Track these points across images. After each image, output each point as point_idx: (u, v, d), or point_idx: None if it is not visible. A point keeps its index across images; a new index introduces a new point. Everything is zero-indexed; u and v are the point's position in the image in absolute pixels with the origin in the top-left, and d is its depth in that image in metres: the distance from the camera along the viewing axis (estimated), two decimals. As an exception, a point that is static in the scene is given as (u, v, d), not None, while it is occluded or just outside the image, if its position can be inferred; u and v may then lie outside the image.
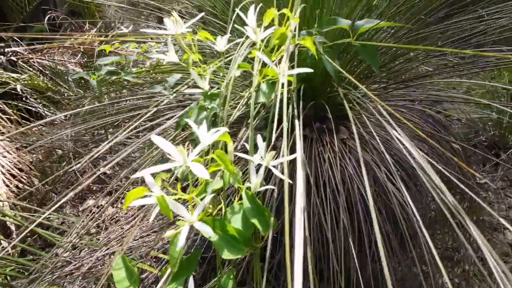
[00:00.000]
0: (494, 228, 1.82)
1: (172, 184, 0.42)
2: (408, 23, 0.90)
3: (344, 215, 0.83)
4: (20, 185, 1.59)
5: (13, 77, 1.38)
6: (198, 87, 0.42)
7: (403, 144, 0.51)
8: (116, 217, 1.52)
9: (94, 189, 1.85)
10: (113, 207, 1.78)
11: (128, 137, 1.21)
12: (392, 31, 1.01)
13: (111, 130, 1.17)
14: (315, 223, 0.89)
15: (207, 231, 0.28)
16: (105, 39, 2.17)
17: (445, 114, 1.30)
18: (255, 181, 0.34)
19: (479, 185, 2.16)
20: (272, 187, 0.38)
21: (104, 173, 1.78)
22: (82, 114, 1.12)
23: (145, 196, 0.29)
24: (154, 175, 0.30)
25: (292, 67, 0.53)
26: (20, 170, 1.62)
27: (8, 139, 1.52)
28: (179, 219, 0.30)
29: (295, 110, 0.45)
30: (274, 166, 0.37)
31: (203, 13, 0.42)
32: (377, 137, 0.70)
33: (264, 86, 0.42)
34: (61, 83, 1.88)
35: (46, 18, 2.56)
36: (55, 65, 1.95)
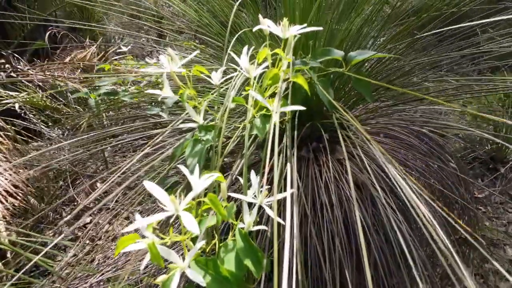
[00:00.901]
0: (494, 244, 1.80)
1: (165, 223, 0.42)
2: (403, 39, 0.92)
3: (340, 239, 0.82)
4: (16, 202, 1.58)
5: (11, 95, 1.39)
6: (193, 120, 0.43)
7: (396, 171, 0.51)
8: (113, 234, 1.50)
9: (90, 206, 1.84)
10: (110, 224, 1.76)
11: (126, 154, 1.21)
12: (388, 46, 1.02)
13: (109, 149, 1.17)
14: (313, 245, 0.89)
15: (198, 280, 0.27)
16: (104, 57, 2.19)
17: (441, 131, 1.31)
18: (248, 220, 0.34)
19: (478, 199, 2.15)
20: (265, 227, 0.38)
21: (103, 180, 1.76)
22: (80, 134, 1.12)
23: (137, 240, 0.29)
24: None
25: (286, 96, 0.54)
26: (16, 187, 1.61)
27: (4, 157, 1.52)
28: (171, 262, 0.30)
29: (291, 144, 0.46)
30: (268, 203, 0.37)
31: (197, 51, 0.43)
32: (364, 160, 0.71)
33: (258, 121, 0.42)
34: (61, 99, 1.89)
35: (47, 34, 2.59)
36: (54, 81, 1.97)
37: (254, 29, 0.44)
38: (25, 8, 2.04)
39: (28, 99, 1.34)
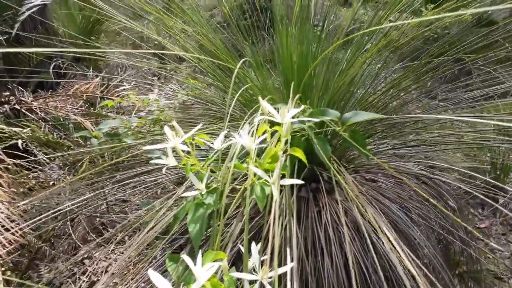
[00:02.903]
0: (499, 278, 1.77)
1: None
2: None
3: (340, 284, 0.82)
4: (12, 237, 1.56)
5: (14, 131, 1.42)
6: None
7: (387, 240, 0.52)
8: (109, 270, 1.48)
9: (88, 239, 1.82)
10: (105, 259, 1.73)
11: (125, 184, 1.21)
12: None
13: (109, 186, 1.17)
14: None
15: None
16: (107, 89, 2.24)
17: (438, 167, 1.33)
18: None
19: (480, 229, 2.14)
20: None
21: (102, 223, 1.76)
22: (80, 172, 1.13)
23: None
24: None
25: (285, 151, 0.56)
26: (12, 221, 1.59)
27: (3, 191, 1.52)
28: None
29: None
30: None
31: (200, 125, 0.45)
32: (356, 208, 0.71)
33: (258, 190, 0.44)
34: (63, 131, 1.91)
35: (52, 66, 2.67)
36: (57, 113, 2.00)
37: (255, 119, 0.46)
38: (32, 45, 2.12)
39: (31, 135, 1.37)
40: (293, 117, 0.45)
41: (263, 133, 0.42)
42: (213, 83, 1.16)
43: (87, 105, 2.28)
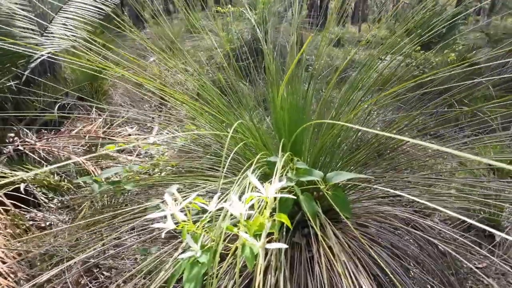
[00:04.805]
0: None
1: None
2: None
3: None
4: (4, 282, 1.54)
5: (17, 175, 1.46)
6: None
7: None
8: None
9: (82, 282, 1.79)
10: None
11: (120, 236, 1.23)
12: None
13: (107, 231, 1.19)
14: None
15: None
16: (110, 128, 2.32)
17: (429, 208, 1.36)
18: None
19: (479, 269, 2.11)
20: None
21: (97, 266, 1.74)
22: (80, 217, 1.16)
23: None
24: None
25: (274, 210, 0.61)
26: (4, 263, 1.58)
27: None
28: None
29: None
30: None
31: (197, 192, 0.51)
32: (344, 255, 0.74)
33: (247, 251, 0.48)
34: (64, 173, 1.96)
35: (57, 107, 2.78)
36: (59, 154, 2.06)
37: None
38: (40, 92, 2.24)
39: (33, 179, 1.41)
40: (281, 174, 0.51)
41: (251, 200, 0.48)
42: (210, 136, 1.23)
43: (88, 146, 2.34)
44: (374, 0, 13.40)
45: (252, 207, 0.49)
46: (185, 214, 0.53)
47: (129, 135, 1.75)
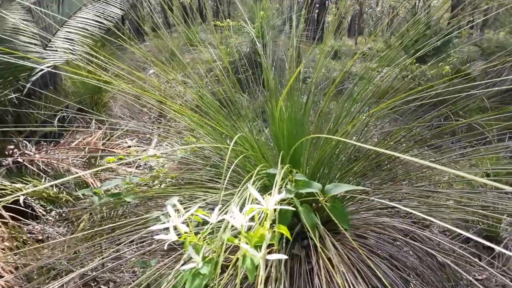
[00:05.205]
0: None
1: None
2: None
3: None
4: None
5: (16, 187, 1.46)
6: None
7: None
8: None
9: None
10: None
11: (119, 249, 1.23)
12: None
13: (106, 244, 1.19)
14: None
15: None
16: (110, 140, 2.34)
17: (427, 221, 1.37)
18: None
19: (479, 281, 2.10)
20: None
21: (94, 279, 1.72)
22: (79, 230, 1.16)
23: None
24: None
25: (274, 221, 0.62)
26: (1, 277, 1.56)
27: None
28: None
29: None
30: None
31: (198, 204, 0.52)
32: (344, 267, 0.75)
33: (248, 262, 0.49)
34: (63, 185, 1.95)
35: (57, 119, 2.79)
36: (58, 166, 2.06)
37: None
38: (41, 104, 2.25)
39: (32, 192, 1.41)
40: (280, 186, 0.52)
41: (252, 211, 0.49)
42: (210, 148, 1.25)
43: (87, 158, 2.35)
44: (370, 14, 13.73)
45: (252, 219, 0.50)
46: (187, 226, 0.54)
47: (129, 147, 1.77)
